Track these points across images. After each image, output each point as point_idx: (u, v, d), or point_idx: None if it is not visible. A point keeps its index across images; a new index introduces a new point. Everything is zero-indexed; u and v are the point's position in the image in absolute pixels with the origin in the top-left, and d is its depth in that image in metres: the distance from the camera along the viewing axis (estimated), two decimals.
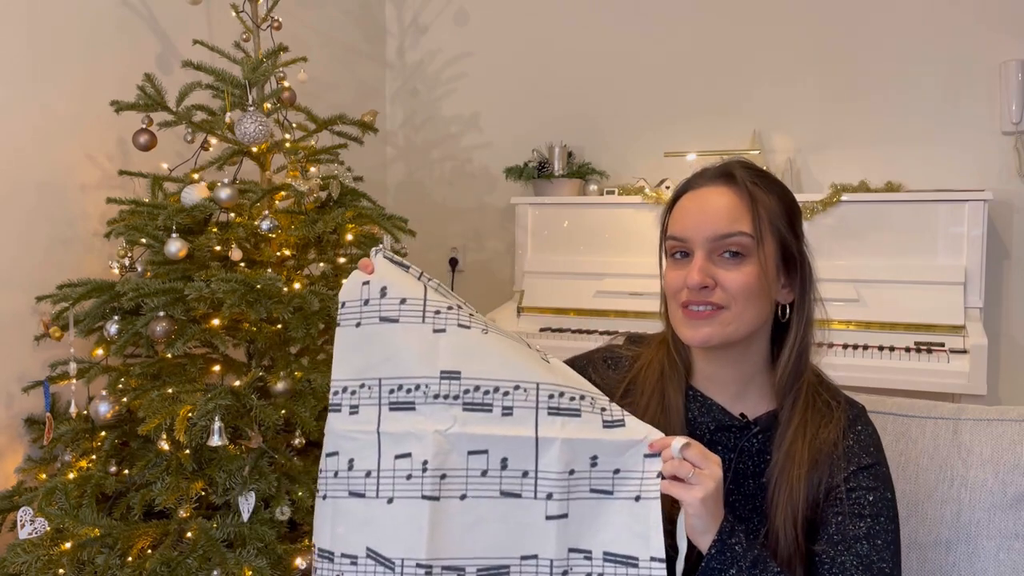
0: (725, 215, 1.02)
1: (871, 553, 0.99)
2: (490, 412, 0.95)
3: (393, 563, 0.93)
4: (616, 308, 2.82)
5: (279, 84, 1.92)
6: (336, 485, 0.99)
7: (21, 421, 1.94)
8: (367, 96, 3.42)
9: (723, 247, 1.02)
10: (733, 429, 1.09)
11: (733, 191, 1.04)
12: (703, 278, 1.01)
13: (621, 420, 0.96)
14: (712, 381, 1.10)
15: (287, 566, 1.55)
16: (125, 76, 2.06)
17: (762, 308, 1.04)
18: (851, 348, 2.52)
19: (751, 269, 1.02)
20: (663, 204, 2.84)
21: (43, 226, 2.00)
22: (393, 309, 0.98)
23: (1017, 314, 2.73)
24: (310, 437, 1.68)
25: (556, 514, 0.93)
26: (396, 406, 0.97)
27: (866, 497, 1.02)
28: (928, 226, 2.58)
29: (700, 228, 1.03)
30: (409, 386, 0.97)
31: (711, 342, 1.03)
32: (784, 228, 1.05)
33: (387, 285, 0.99)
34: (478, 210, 3.44)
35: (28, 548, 1.58)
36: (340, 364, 1.01)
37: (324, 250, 1.89)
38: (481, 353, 0.97)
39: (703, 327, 1.03)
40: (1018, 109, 2.64)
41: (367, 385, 0.99)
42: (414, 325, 0.97)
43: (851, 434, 1.06)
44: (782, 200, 1.07)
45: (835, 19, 2.89)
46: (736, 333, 1.03)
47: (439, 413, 0.95)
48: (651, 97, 3.16)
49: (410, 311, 0.98)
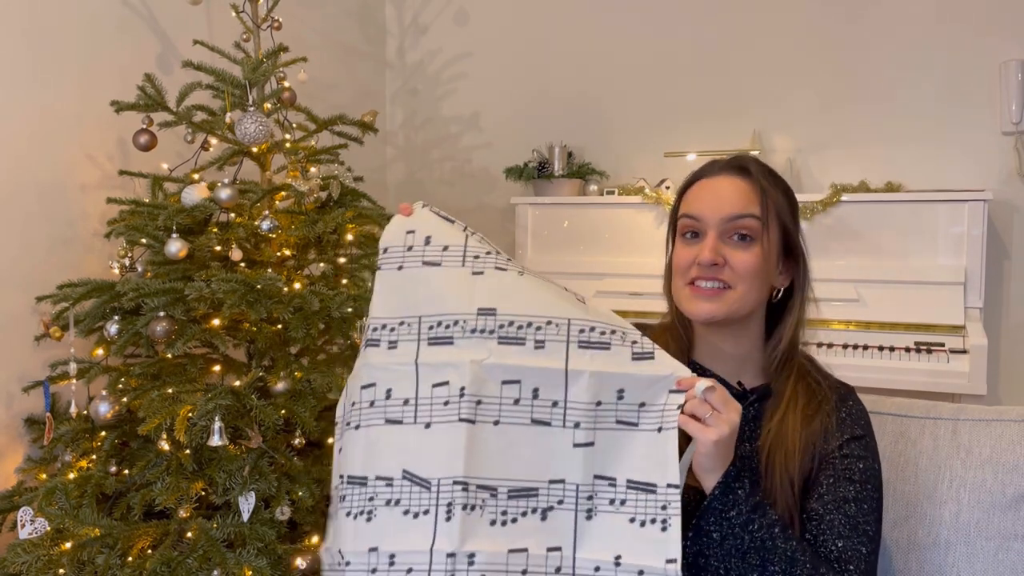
0: (739, 199, 1.12)
1: (857, 515, 1.06)
2: (523, 345, 1.00)
3: (429, 482, 0.98)
4: (616, 308, 2.78)
5: (279, 84, 1.92)
6: (372, 414, 1.04)
7: (21, 421, 1.94)
8: (367, 96, 3.42)
9: (734, 228, 1.11)
10: (729, 388, 1.17)
11: (746, 180, 1.14)
12: (715, 256, 1.10)
13: (651, 353, 1.02)
14: (713, 356, 1.19)
15: (287, 566, 1.55)
16: (125, 76, 2.06)
17: (762, 290, 1.14)
18: (851, 348, 2.52)
19: (758, 251, 1.11)
20: (663, 204, 2.86)
21: (43, 226, 2.00)
22: (436, 255, 1.05)
23: (1017, 314, 2.73)
24: (310, 437, 1.68)
25: (583, 442, 0.99)
26: (435, 341, 1.03)
27: (856, 464, 1.09)
28: (928, 226, 2.58)
29: (714, 209, 1.12)
30: (448, 322, 1.03)
31: (715, 317, 1.12)
32: (788, 219, 1.15)
33: (431, 234, 1.06)
34: (478, 210, 3.44)
35: (28, 548, 1.58)
36: (380, 304, 1.07)
37: (324, 250, 1.89)
38: (516, 292, 1.03)
39: (708, 303, 1.11)
40: (1018, 109, 2.64)
41: (406, 323, 1.05)
42: (454, 268, 1.04)
43: (843, 408, 1.14)
44: (786, 196, 1.17)
45: (835, 19, 2.89)
46: (738, 311, 1.12)
47: (476, 346, 1.01)
48: (651, 97, 3.16)
49: (452, 256, 1.05)
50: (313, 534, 1.64)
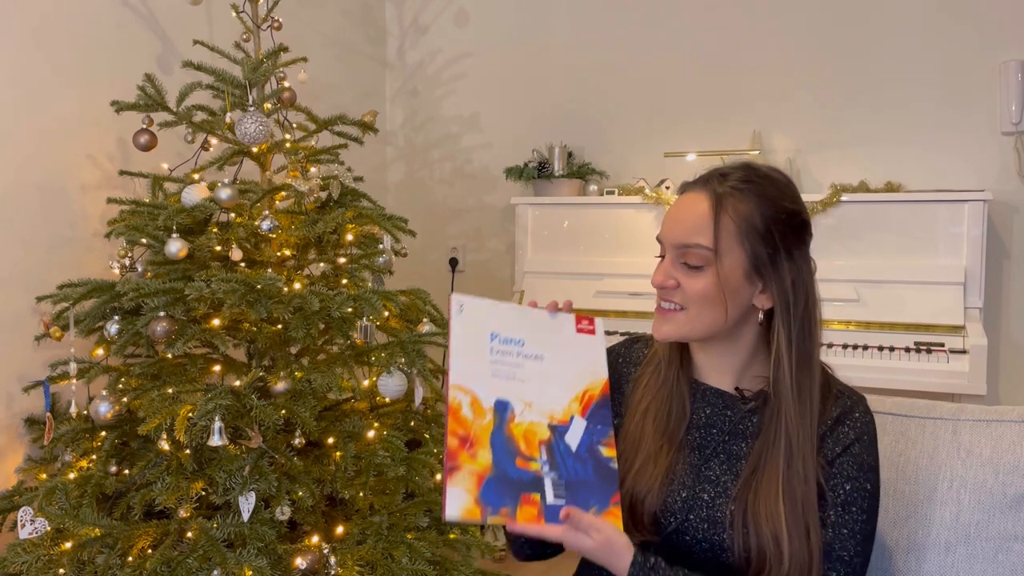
0: (690, 226, 1.08)
1: (833, 541, 1.04)
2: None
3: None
4: (616, 308, 2.83)
5: (279, 84, 1.92)
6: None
7: (21, 421, 1.94)
8: (367, 96, 3.42)
9: (683, 256, 1.09)
10: (726, 396, 1.15)
11: (707, 200, 1.08)
12: (664, 279, 1.10)
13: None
14: (709, 368, 1.17)
15: (287, 566, 1.55)
16: (125, 76, 2.06)
17: (719, 312, 1.08)
18: (851, 348, 2.52)
19: (708, 279, 1.07)
20: (663, 204, 2.86)
21: (44, 226, 2.00)
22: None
23: (1017, 314, 2.73)
24: (310, 437, 1.69)
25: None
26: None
27: (844, 486, 1.07)
28: (928, 226, 2.58)
29: (669, 234, 1.11)
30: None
31: (669, 338, 1.12)
32: (757, 239, 1.06)
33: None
34: (478, 210, 3.44)
35: (28, 548, 1.58)
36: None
37: (324, 250, 1.89)
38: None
39: (664, 324, 1.12)
40: (1018, 109, 2.64)
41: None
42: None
43: (848, 420, 1.11)
44: (768, 208, 1.08)
45: (835, 19, 2.90)
46: (693, 332, 1.11)
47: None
48: (651, 97, 3.16)
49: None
50: (313, 534, 1.64)
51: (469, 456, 1.03)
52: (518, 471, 1.04)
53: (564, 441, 1.08)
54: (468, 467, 1.03)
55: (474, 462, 1.03)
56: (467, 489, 1.02)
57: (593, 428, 1.10)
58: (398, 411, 1.89)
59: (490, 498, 1.02)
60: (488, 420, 1.06)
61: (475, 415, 1.06)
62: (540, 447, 1.06)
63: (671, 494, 1.09)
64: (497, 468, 1.04)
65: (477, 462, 1.03)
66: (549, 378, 1.11)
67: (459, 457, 1.03)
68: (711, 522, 1.06)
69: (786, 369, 1.09)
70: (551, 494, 1.04)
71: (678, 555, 1.08)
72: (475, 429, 1.05)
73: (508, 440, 1.06)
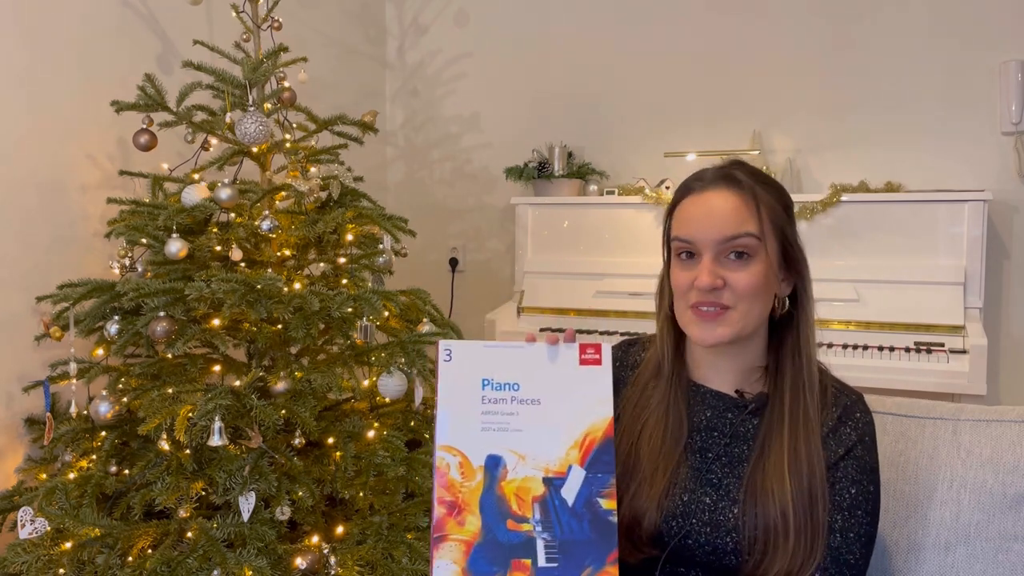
0: (732, 217, 1.06)
1: (841, 546, 1.04)
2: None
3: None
4: (616, 308, 2.83)
5: (279, 84, 1.92)
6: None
7: (21, 421, 1.94)
8: (367, 96, 3.42)
9: (730, 248, 1.06)
10: (727, 399, 1.14)
11: (736, 193, 1.08)
12: (713, 280, 1.06)
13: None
14: (713, 371, 1.15)
15: (287, 566, 1.55)
16: (125, 76, 2.06)
17: (766, 304, 1.09)
18: (851, 348, 2.52)
19: (758, 268, 1.06)
20: (663, 204, 2.86)
21: (43, 226, 2.00)
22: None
23: (1017, 314, 2.73)
24: (310, 437, 1.68)
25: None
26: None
27: (849, 489, 1.07)
28: (928, 226, 2.58)
29: (707, 231, 1.07)
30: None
31: (723, 341, 1.08)
32: (785, 225, 1.10)
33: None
34: (478, 210, 3.44)
35: (28, 548, 1.58)
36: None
37: (324, 250, 1.89)
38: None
39: (716, 328, 1.07)
40: (1018, 109, 2.64)
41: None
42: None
43: (849, 420, 1.11)
44: (780, 198, 1.11)
45: (835, 19, 2.89)
46: (745, 330, 1.08)
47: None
48: (651, 97, 3.16)
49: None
50: (313, 534, 1.64)
51: (457, 524, 1.01)
52: (508, 534, 1.01)
53: (560, 495, 1.02)
54: (456, 536, 1.00)
55: (462, 530, 1.00)
56: (454, 559, 0.99)
57: (593, 477, 1.03)
58: (398, 411, 1.89)
59: (479, 567, 0.99)
60: (478, 481, 1.02)
61: (464, 477, 1.02)
62: (533, 505, 1.02)
63: (672, 498, 1.08)
64: (486, 533, 1.00)
65: (465, 530, 1.00)
66: (547, 424, 1.05)
67: (447, 526, 1.00)
68: (713, 526, 1.06)
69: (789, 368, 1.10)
70: (543, 557, 1.00)
71: (680, 561, 1.08)
72: (464, 494, 1.02)
73: (499, 501, 1.02)
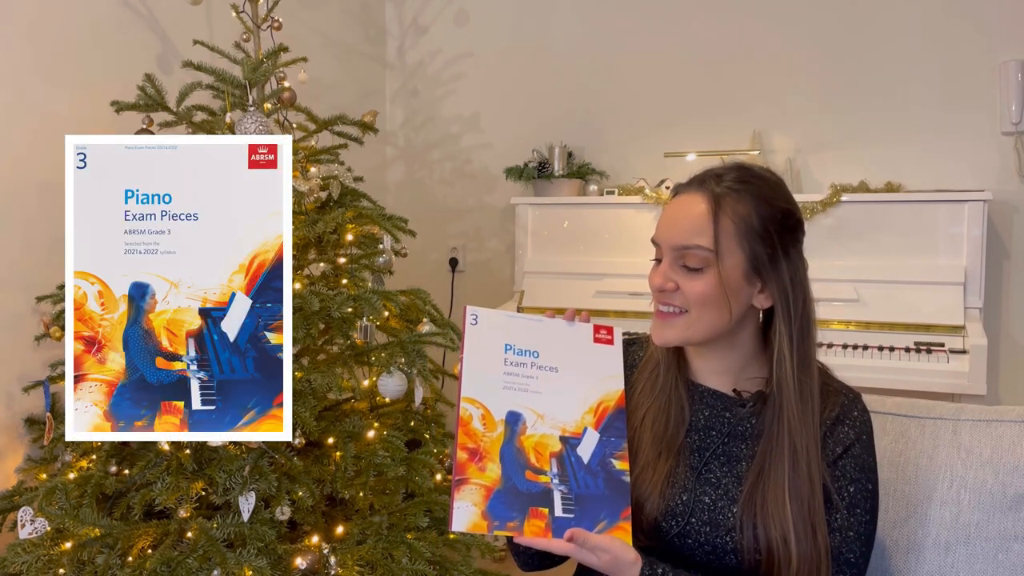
0: (688, 227, 1.07)
1: (841, 545, 1.05)
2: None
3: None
4: (616, 308, 2.83)
5: (279, 84, 1.92)
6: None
7: (21, 421, 1.94)
8: (367, 96, 3.42)
9: (682, 258, 1.08)
10: (724, 398, 1.14)
11: (704, 203, 1.07)
12: (663, 281, 1.09)
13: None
14: (707, 371, 1.16)
15: (287, 566, 1.55)
16: (125, 76, 2.06)
17: (721, 313, 1.08)
18: (851, 348, 2.52)
19: (709, 279, 1.06)
20: (663, 204, 2.86)
21: (43, 226, 2.00)
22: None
23: (1017, 314, 2.73)
24: (310, 437, 1.68)
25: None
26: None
27: (847, 489, 1.07)
28: (928, 226, 2.58)
29: (667, 236, 1.10)
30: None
31: (669, 343, 1.11)
32: (756, 239, 1.06)
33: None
34: (478, 210, 3.44)
35: (28, 548, 1.58)
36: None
37: (324, 250, 1.89)
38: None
39: (665, 329, 1.11)
40: (1018, 109, 2.64)
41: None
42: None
43: (847, 419, 1.11)
44: (764, 208, 1.07)
45: (835, 19, 2.89)
46: (695, 336, 1.09)
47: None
48: (651, 97, 3.16)
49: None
50: (313, 534, 1.64)
51: (478, 469, 1.05)
52: (527, 484, 1.05)
53: (576, 454, 1.08)
54: (476, 480, 1.04)
55: (483, 475, 1.04)
56: (474, 502, 1.03)
57: (607, 440, 1.10)
58: (398, 411, 1.89)
59: (497, 511, 1.03)
60: (499, 433, 1.07)
61: (486, 428, 1.07)
62: (551, 459, 1.07)
63: (672, 497, 1.08)
64: (506, 481, 1.05)
65: (486, 475, 1.04)
66: (563, 390, 1.11)
67: (468, 470, 1.04)
68: (713, 525, 1.06)
69: (787, 368, 1.09)
70: (560, 508, 1.05)
71: (680, 559, 1.08)
72: (485, 442, 1.06)
73: (518, 452, 1.07)
